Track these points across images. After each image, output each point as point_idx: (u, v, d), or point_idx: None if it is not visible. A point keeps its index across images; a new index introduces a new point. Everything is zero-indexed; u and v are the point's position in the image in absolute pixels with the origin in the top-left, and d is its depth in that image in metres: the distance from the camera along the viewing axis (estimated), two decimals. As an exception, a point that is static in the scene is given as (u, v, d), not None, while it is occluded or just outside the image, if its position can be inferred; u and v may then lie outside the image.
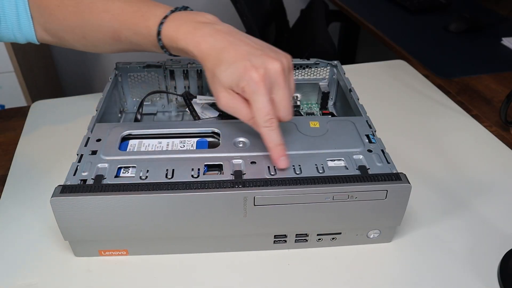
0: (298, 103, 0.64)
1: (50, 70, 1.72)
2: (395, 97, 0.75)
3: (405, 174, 0.41)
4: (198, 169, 0.42)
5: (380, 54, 1.56)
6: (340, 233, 0.45)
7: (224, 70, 0.40)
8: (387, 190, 0.40)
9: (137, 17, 0.46)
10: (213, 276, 0.43)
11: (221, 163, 0.43)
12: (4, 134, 0.64)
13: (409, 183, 0.40)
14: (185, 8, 0.48)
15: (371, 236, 0.45)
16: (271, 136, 0.41)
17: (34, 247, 0.45)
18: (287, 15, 1.44)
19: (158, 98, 0.63)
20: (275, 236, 0.44)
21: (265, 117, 0.40)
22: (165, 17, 0.45)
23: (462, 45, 1.00)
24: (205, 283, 0.42)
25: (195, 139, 0.48)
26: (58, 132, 0.63)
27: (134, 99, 0.63)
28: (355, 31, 1.76)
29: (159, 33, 0.45)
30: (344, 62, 0.66)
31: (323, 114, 0.62)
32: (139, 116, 0.59)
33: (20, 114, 0.68)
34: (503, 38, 1.00)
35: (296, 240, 0.45)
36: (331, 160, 0.43)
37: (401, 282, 0.43)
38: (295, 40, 1.28)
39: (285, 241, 0.44)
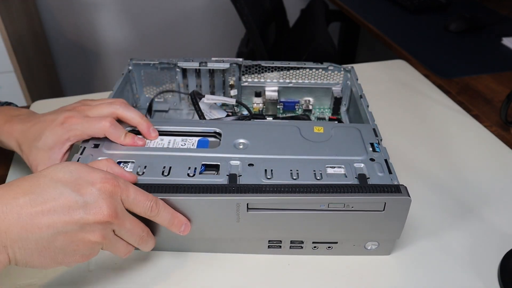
0: (310, 107, 0.63)
1: (50, 70, 1.72)
2: (395, 97, 0.75)
3: (405, 187, 0.40)
4: (195, 168, 0.42)
5: (380, 54, 1.56)
6: (336, 242, 0.44)
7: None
8: (385, 202, 0.39)
9: None
10: (206, 276, 0.43)
11: (219, 163, 0.43)
12: (4, 134, 0.64)
13: (409, 196, 0.39)
14: (8, 104, 0.52)
15: (369, 248, 0.44)
16: None
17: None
18: (287, 15, 1.44)
19: (170, 96, 0.64)
20: (269, 241, 0.44)
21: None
22: None
23: (462, 45, 1.00)
24: (199, 282, 0.42)
25: (197, 138, 0.48)
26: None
27: (147, 95, 0.64)
28: (355, 31, 1.76)
29: None
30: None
31: (330, 119, 0.61)
32: (148, 116, 0.60)
33: (20, 114, 0.68)
34: (503, 38, 1.00)
35: (291, 246, 0.44)
36: (330, 167, 0.43)
37: (400, 281, 0.43)
38: (295, 40, 1.28)
39: (280, 246, 0.44)
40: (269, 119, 0.60)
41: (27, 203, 0.32)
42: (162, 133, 0.48)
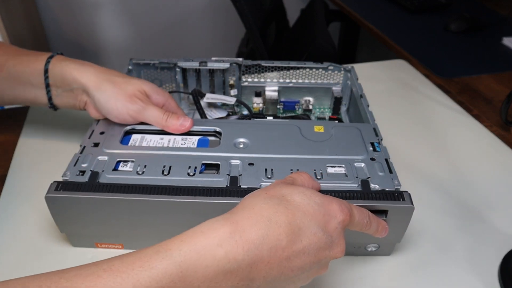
0: (310, 107, 0.63)
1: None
2: (395, 97, 0.75)
3: (409, 194, 0.39)
4: (195, 168, 0.42)
5: (380, 54, 1.56)
6: None
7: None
8: (387, 210, 0.39)
9: (28, 53, 0.50)
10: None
11: (219, 162, 0.43)
12: (4, 134, 0.64)
13: (413, 204, 0.39)
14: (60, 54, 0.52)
15: (369, 249, 0.44)
16: None
17: (33, 242, 0.46)
18: (287, 15, 1.44)
19: None
20: None
21: None
22: (51, 56, 0.49)
23: (462, 45, 0.99)
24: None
25: (197, 137, 0.48)
26: (57, 132, 0.63)
27: None
28: (355, 31, 1.76)
29: (47, 63, 0.48)
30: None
31: (330, 119, 0.61)
32: None
33: (20, 114, 0.68)
34: (503, 38, 1.00)
35: None
36: (331, 167, 0.43)
37: (400, 281, 0.43)
38: (295, 40, 1.28)
39: None
40: (269, 118, 0.60)
41: (288, 246, 0.31)
42: (162, 132, 0.48)
